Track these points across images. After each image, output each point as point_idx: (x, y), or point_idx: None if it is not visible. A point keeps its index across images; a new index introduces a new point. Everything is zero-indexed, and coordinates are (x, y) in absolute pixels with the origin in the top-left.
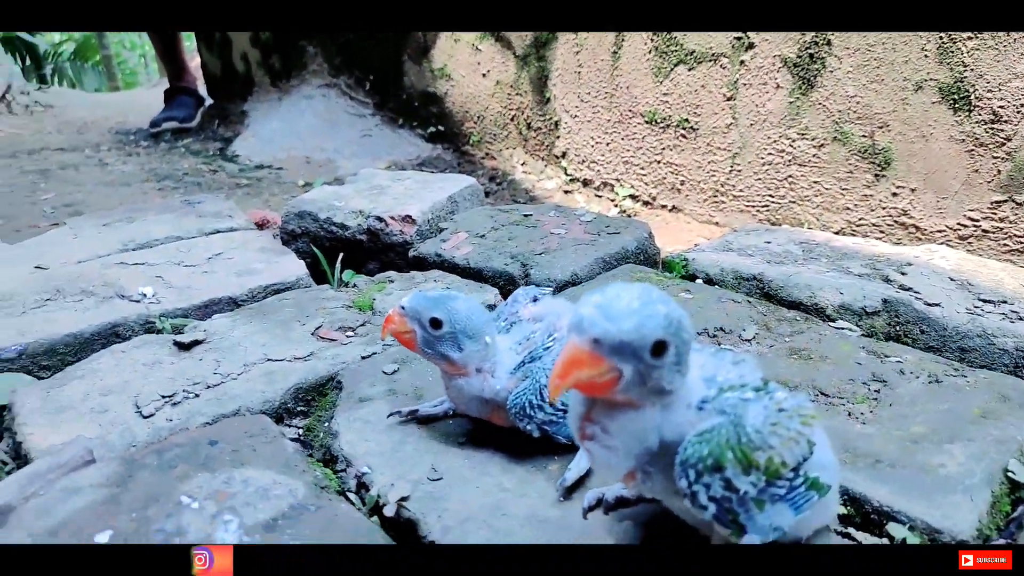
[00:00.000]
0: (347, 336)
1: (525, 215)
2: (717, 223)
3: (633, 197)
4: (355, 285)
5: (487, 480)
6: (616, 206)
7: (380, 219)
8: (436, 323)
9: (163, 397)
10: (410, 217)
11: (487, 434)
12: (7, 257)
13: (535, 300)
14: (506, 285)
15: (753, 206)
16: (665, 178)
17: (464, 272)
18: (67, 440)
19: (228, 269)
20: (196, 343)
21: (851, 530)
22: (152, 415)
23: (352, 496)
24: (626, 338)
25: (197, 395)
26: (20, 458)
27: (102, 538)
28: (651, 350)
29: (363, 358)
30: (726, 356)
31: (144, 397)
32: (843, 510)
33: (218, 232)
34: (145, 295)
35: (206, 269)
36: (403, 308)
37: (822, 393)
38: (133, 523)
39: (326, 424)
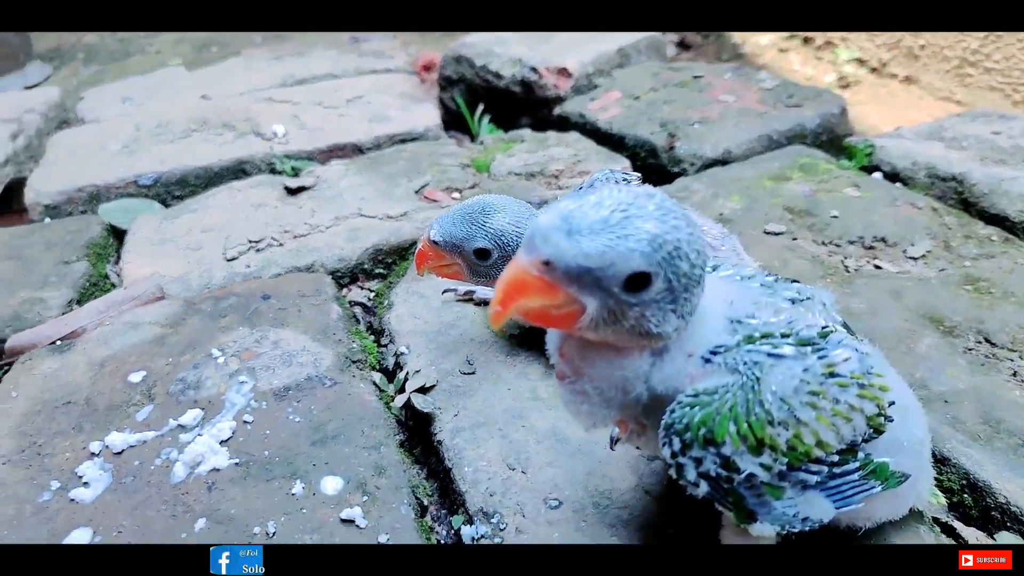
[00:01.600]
0: (452, 197)
1: (695, 76)
2: (958, 101)
3: (859, 61)
4: (483, 142)
5: (521, 383)
6: (836, 71)
7: (535, 70)
8: (483, 254)
9: (251, 242)
10: (566, 70)
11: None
12: (184, 84)
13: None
14: (647, 157)
15: (1008, 83)
16: (902, 39)
17: (603, 138)
18: (153, 273)
19: (362, 114)
20: (303, 189)
21: (957, 524)
22: (234, 259)
23: (377, 377)
24: (586, 264)
25: (281, 244)
26: (122, 282)
27: (135, 378)
28: (625, 283)
29: None
30: (782, 291)
31: (234, 239)
32: (942, 500)
33: (373, 72)
34: (276, 134)
35: (342, 112)
36: (435, 242)
37: (987, 340)
38: (167, 367)
39: (391, 292)
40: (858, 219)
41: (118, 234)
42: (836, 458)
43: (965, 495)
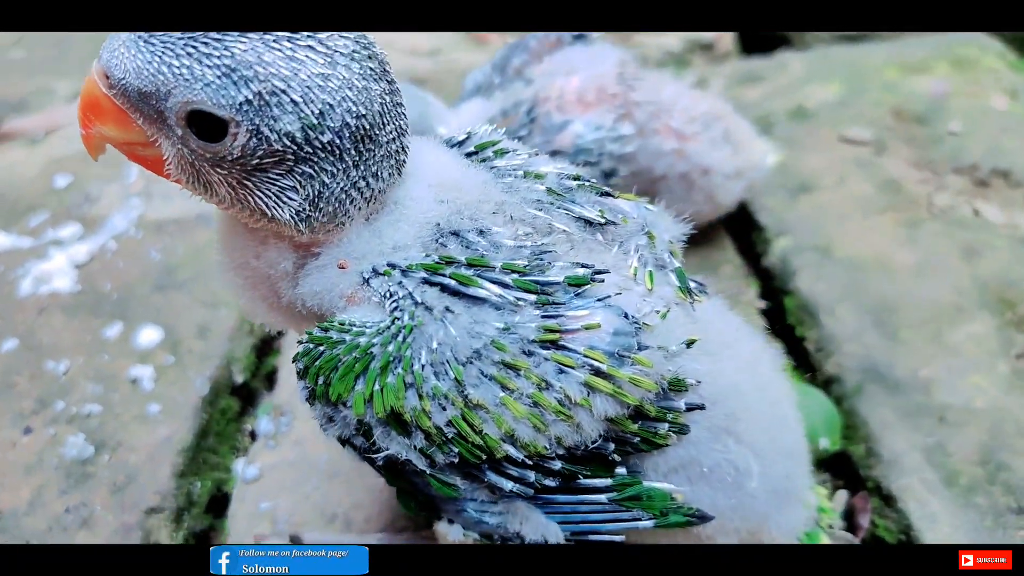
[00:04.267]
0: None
1: None
2: None
3: None
4: None
5: None
6: None
7: None
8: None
9: None
10: None
11: None
12: None
13: (559, 42)
14: None
15: None
16: None
17: None
18: None
19: None
20: None
21: None
22: None
23: None
24: (136, 83)
25: None
26: None
27: (62, 182)
28: (189, 123)
29: None
30: (580, 204)
31: None
32: None
33: None
34: None
35: None
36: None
37: None
38: (90, 176)
39: None
40: (985, 140)
41: None
42: (558, 465)
43: None
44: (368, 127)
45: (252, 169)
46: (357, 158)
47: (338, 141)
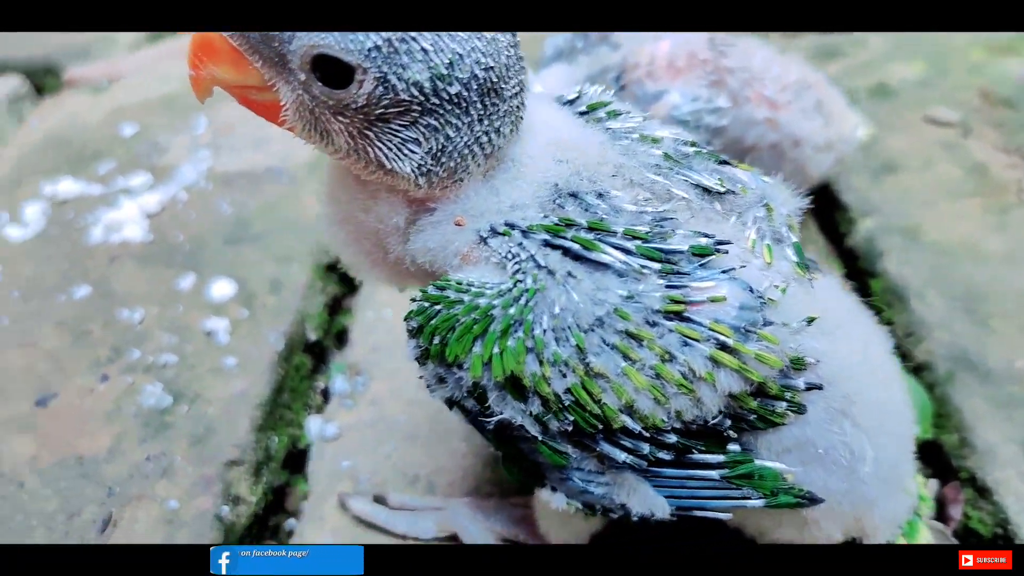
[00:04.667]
0: None
1: None
2: None
3: None
4: None
5: None
6: None
7: None
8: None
9: None
10: None
11: None
12: None
13: None
14: None
15: None
16: None
17: None
18: None
19: None
20: None
21: None
22: None
23: None
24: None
25: None
26: None
27: (129, 131)
28: (314, 68)
29: None
30: (697, 171)
31: None
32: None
33: None
34: None
35: None
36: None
37: None
38: (158, 125)
39: None
40: None
41: None
42: (673, 439)
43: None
44: (495, 80)
45: (375, 119)
46: (482, 112)
47: (465, 93)
